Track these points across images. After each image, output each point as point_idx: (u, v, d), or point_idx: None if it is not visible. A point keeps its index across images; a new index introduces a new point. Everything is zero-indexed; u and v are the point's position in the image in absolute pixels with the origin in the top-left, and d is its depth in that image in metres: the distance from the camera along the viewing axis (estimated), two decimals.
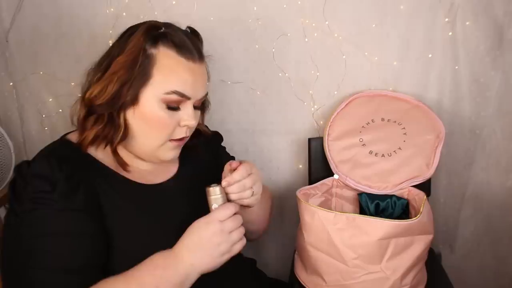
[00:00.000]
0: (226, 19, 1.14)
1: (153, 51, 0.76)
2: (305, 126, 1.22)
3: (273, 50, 1.15)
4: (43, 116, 1.24)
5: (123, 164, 0.81)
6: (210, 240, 0.71)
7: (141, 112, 0.77)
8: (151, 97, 0.76)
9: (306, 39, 1.14)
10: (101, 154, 0.80)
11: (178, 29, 0.82)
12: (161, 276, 0.69)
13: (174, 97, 0.76)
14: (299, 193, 0.99)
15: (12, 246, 0.70)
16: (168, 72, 0.76)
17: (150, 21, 0.80)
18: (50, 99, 1.23)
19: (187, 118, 0.79)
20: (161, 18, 1.14)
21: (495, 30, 1.10)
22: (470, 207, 1.26)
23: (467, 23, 1.09)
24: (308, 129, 1.22)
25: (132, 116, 0.77)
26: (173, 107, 0.78)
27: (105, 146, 0.79)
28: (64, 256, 0.69)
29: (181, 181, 0.89)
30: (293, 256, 1.08)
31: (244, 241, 0.75)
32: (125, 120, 0.78)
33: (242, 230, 0.75)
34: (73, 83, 1.21)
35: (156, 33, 0.77)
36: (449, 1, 1.08)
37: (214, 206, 0.75)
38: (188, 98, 0.78)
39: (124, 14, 1.14)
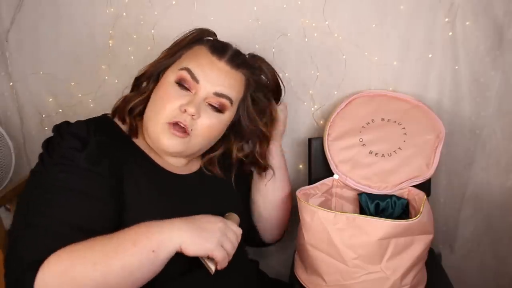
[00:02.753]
0: (226, 19, 1.14)
1: (193, 45, 0.89)
2: (305, 126, 1.22)
3: (273, 50, 1.15)
4: (43, 116, 1.24)
5: (134, 130, 0.87)
6: (208, 224, 0.72)
7: (159, 84, 0.87)
8: (170, 72, 0.86)
9: (306, 39, 1.14)
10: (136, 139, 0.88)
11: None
12: (143, 232, 0.68)
13: (185, 74, 0.84)
14: (299, 193, 0.99)
15: (32, 192, 0.73)
16: (192, 56, 0.87)
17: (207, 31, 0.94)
18: (50, 99, 1.23)
19: (188, 102, 0.82)
20: (161, 18, 1.14)
21: (495, 30, 1.10)
22: (470, 207, 1.26)
23: (467, 23, 1.09)
24: (308, 129, 1.22)
25: (155, 89, 0.87)
26: (182, 85, 0.84)
27: (129, 112, 0.87)
28: (75, 213, 0.70)
29: (202, 176, 0.93)
30: (293, 256, 1.08)
31: (226, 262, 0.74)
32: (150, 91, 0.88)
33: (233, 249, 0.75)
34: (73, 83, 1.21)
35: (207, 37, 0.92)
36: (449, 1, 1.08)
37: None
38: (197, 81, 0.83)
39: (124, 14, 1.14)
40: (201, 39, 0.91)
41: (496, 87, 1.14)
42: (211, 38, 0.93)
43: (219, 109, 0.86)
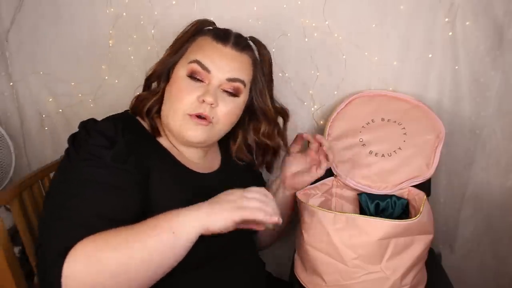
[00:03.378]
0: (226, 19, 1.13)
1: (196, 37, 0.90)
2: (305, 126, 1.22)
3: (273, 50, 1.15)
4: (43, 116, 1.24)
5: (156, 130, 0.88)
6: (222, 196, 0.73)
7: (171, 82, 0.88)
8: (180, 67, 0.87)
9: (306, 39, 1.14)
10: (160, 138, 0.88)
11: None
12: (163, 217, 0.69)
13: (195, 66, 0.85)
14: (299, 193, 0.99)
15: (59, 187, 0.74)
16: (198, 48, 0.88)
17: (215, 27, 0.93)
18: (50, 99, 1.23)
19: (204, 92, 0.84)
20: (161, 18, 1.14)
21: (495, 30, 1.09)
22: (470, 207, 1.26)
23: (467, 23, 1.09)
24: (308, 129, 1.22)
25: (168, 87, 0.88)
26: (195, 77, 0.85)
27: (147, 113, 0.88)
28: (103, 205, 0.71)
29: (223, 175, 0.95)
30: (293, 256, 1.08)
31: (260, 214, 0.70)
32: (163, 90, 0.89)
33: (262, 201, 0.72)
34: (73, 83, 1.21)
35: (207, 27, 0.91)
36: (449, 1, 1.08)
37: None
38: (208, 71, 0.85)
39: (124, 14, 1.14)
40: (202, 29, 0.91)
41: (496, 87, 1.14)
42: (211, 27, 0.93)
43: (234, 94, 0.88)
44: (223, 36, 0.89)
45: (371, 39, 1.13)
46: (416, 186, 1.02)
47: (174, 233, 0.67)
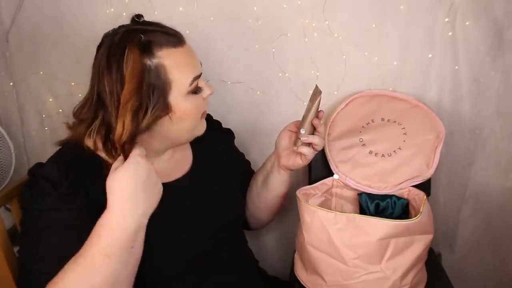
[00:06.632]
0: (226, 19, 1.14)
1: (154, 61, 0.76)
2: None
3: (273, 50, 1.15)
4: (43, 116, 1.24)
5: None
6: (148, 179, 0.71)
7: (178, 114, 0.80)
8: (180, 96, 0.79)
9: (306, 39, 1.14)
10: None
11: (147, 24, 0.84)
12: (108, 244, 0.67)
13: (195, 83, 0.81)
14: (299, 193, 0.99)
15: (21, 239, 0.77)
16: (179, 67, 0.78)
17: (128, 35, 0.77)
18: (50, 99, 1.23)
19: (207, 88, 0.85)
20: (161, 18, 1.14)
21: (495, 30, 1.10)
22: (470, 207, 1.26)
23: (467, 23, 1.09)
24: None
25: (170, 123, 0.80)
26: (196, 90, 0.83)
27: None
28: (57, 248, 0.72)
29: (195, 177, 0.92)
30: (293, 256, 1.08)
31: None
32: (160, 127, 0.80)
33: None
34: (73, 83, 1.21)
35: (144, 43, 0.76)
36: (449, 1, 1.08)
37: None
38: (200, 76, 0.83)
39: (124, 14, 1.14)
40: (147, 51, 0.76)
41: (496, 87, 1.14)
42: (146, 39, 0.76)
43: None
44: (172, 37, 0.79)
45: (371, 39, 1.13)
46: (416, 186, 1.02)
47: (110, 256, 0.67)
